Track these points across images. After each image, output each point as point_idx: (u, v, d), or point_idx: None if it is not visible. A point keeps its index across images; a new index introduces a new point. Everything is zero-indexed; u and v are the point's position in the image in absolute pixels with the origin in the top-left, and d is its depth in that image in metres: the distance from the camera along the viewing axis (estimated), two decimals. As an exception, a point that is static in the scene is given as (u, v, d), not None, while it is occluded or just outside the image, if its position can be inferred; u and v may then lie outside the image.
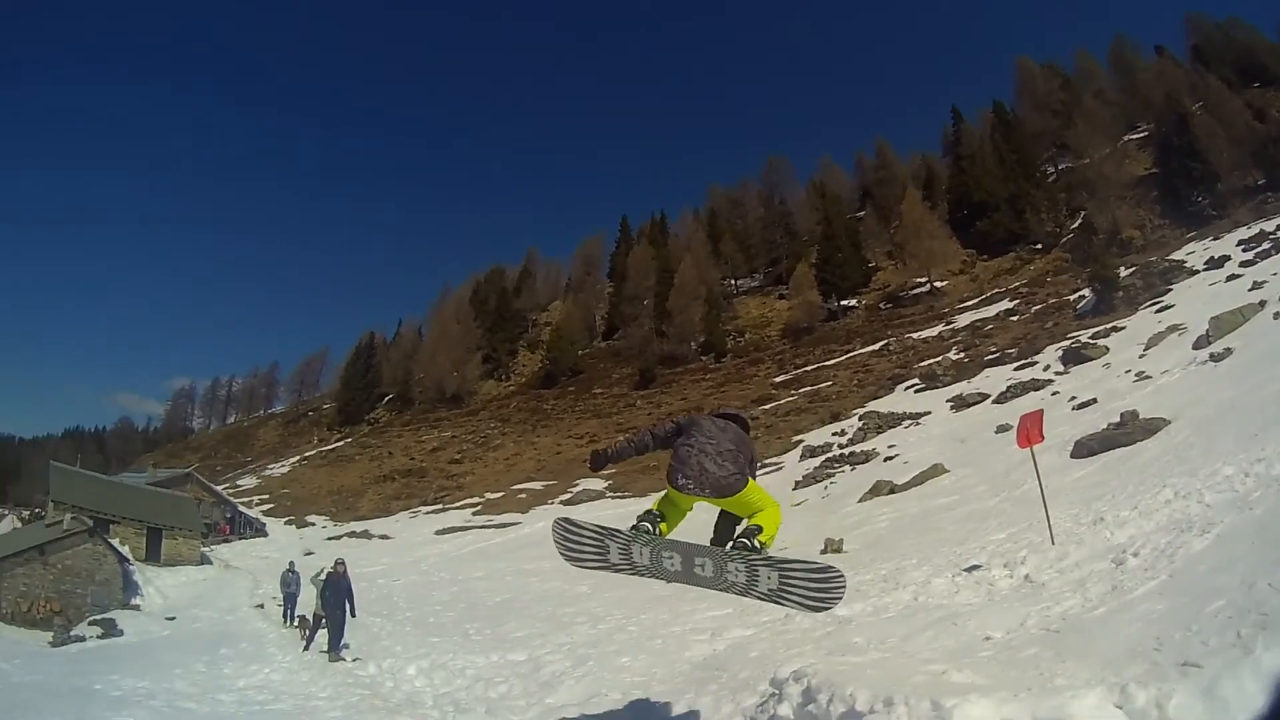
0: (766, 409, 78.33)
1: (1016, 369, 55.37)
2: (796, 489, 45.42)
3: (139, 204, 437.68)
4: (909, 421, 52.62)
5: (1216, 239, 73.26)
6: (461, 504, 77.09)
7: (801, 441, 59.09)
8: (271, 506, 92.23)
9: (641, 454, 8.16)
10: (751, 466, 7.74)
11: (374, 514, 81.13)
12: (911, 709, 5.81)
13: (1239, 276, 53.52)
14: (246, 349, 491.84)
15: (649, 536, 7.69)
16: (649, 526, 7.73)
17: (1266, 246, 60.99)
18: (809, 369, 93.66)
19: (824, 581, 7.18)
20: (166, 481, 75.20)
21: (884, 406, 60.70)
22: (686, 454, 7.48)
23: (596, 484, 65.79)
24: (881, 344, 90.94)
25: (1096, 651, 7.53)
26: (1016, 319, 78.65)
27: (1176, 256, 71.73)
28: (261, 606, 38.12)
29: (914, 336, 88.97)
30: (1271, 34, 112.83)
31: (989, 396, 50.14)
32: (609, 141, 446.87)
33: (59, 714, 15.98)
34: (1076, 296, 74.44)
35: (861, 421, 56.94)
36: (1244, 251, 62.25)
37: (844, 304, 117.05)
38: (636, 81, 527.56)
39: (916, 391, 62.77)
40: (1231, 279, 54.03)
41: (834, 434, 57.27)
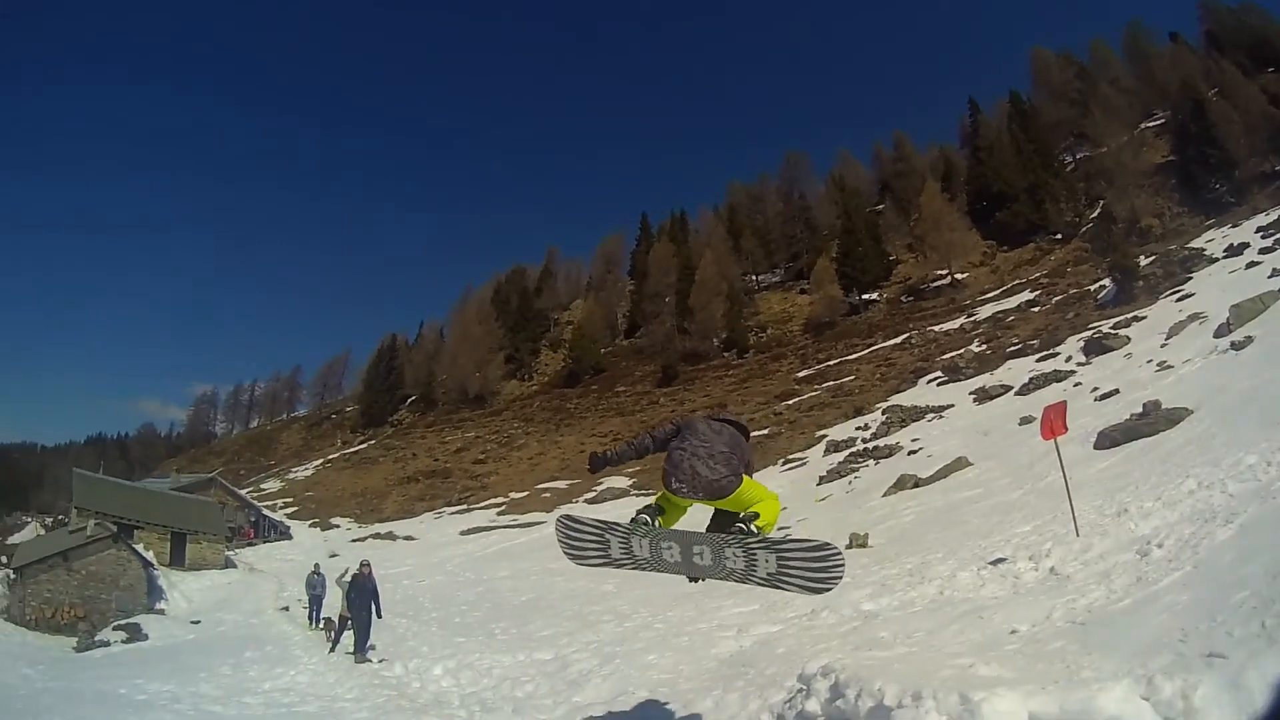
0: (789, 404, 78.54)
1: (1038, 360, 55.07)
2: (821, 484, 45.48)
3: (157, 208, 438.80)
4: (932, 415, 52.54)
5: (1235, 226, 72.71)
6: (486, 504, 77.22)
7: (825, 437, 58.85)
8: (296, 509, 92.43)
9: (641, 457, 8.18)
10: (748, 469, 7.76)
11: (398, 515, 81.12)
12: (940, 703, 5.83)
13: (1258, 263, 53.09)
14: (268, 353, 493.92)
15: (647, 528, 7.77)
16: (647, 519, 7.80)
17: (1285, 232, 60.77)
18: (831, 363, 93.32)
19: (822, 561, 7.23)
20: (190, 486, 75.49)
21: (907, 400, 60.59)
22: (679, 458, 7.53)
23: (621, 482, 65.48)
24: (903, 337, 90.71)
25: (1122, 643, 7.55)
26: (1038, 310, 78.17)
27: (1196, 244, 71.15)
28: (286, 609, 38.27)
29: (935, 329, 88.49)
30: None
31: (1011, 388, 49.95)
32: (627, 140, 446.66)
33: (83, 719, 16.12)
34: (1097, 286, 73.90)
35: (884, 415, 56.78)
36: (1263, 238, 61.71)
37: (865, 298, 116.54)
38: (653, 80, 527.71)
39: (939, 384, 62.52)
40: (1251, 266, 53.59)
41: (857, 428, 57.14)
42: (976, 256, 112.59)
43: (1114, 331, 51.62)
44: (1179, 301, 53.04)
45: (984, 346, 70.52)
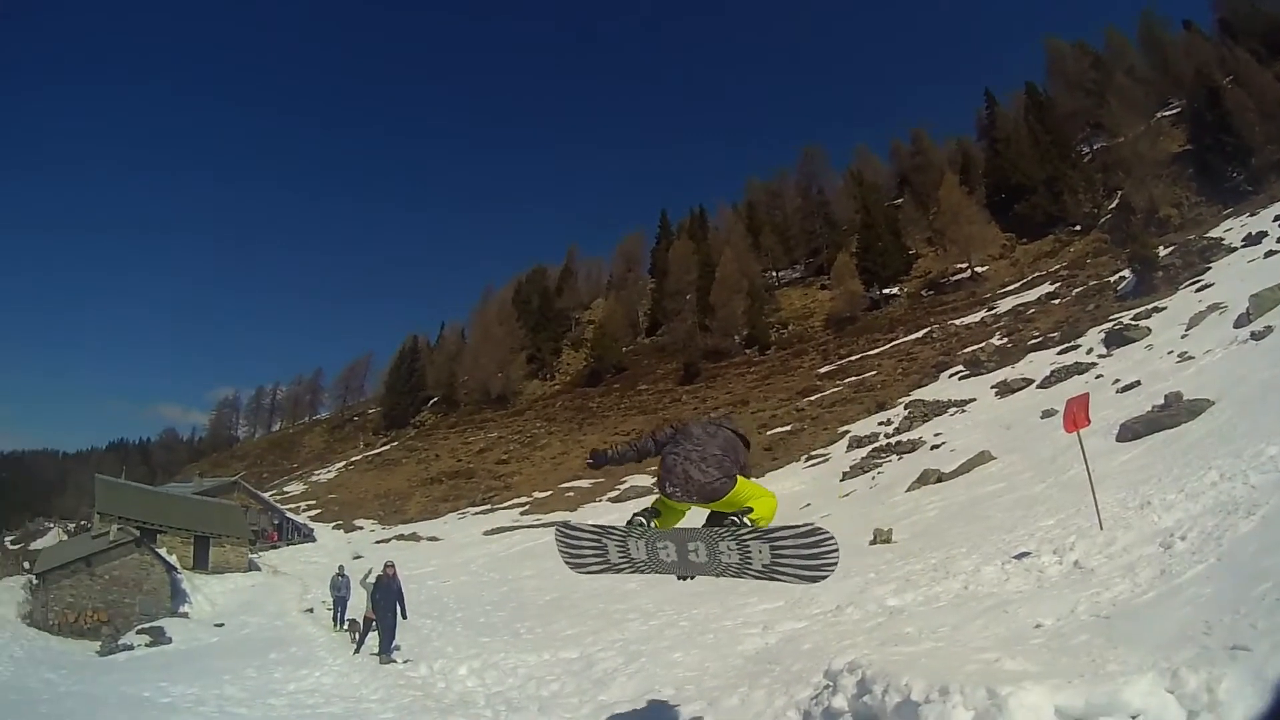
0: (812, 400, 78.66)
1: (1060, 353, 54.93)
2: (844, 480, 45.45)
3: (175, 211, 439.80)
4: (954, 409, 52.43)
5: (1253, 215, 72.22)
6: (509, 504, 77.37)
7: (848, 432, 58.97)
8: (319, 512, 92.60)
9: (641, 459, 8.25)
10: (744, 471, 7.81)
11: (422, 516, 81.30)
12: (967, 698, 5.87)
13: (1277, 252, 52.87)
14: (289, 357, 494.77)
15: (642, 529, 7.83)
16: (643, 521, 7.86)
17: (1304, 221, 60.58)
18: (853, 359, 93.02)
19: (815, 546, 7.28)
20: (213, 490, 75.35)
21: (929, 394, 60.49)
22: (673, 462, 7.61)
23: (644, 480, 64.62)
24: (925, 331, 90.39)
25: (1147, 636, 7.60)
26: (1058, 302, 77.81)
27: (1214, 234, 70.69)
28: (311, 611, 38.50)
29: (957, 323, 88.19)
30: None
31: (1033, 381, 49.84)
32: (645, 138, 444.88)
33: (108, 722, 16.24)
34: (1117, 278, 73.57)
35: (907, 410, 56.75)
36: (1280, 226, 61.63)
37: (886, 292, 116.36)
38: (669, 77, 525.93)
39: (961, 378, 62.45)
40: (1270, 255, 53.25)
41: (880, 424, 57.09)
42: (996, 249, 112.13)
43: (1134, 323, 51.38)
44: (1199, 292, 52.86)
45: (1005, 340, 70.28)
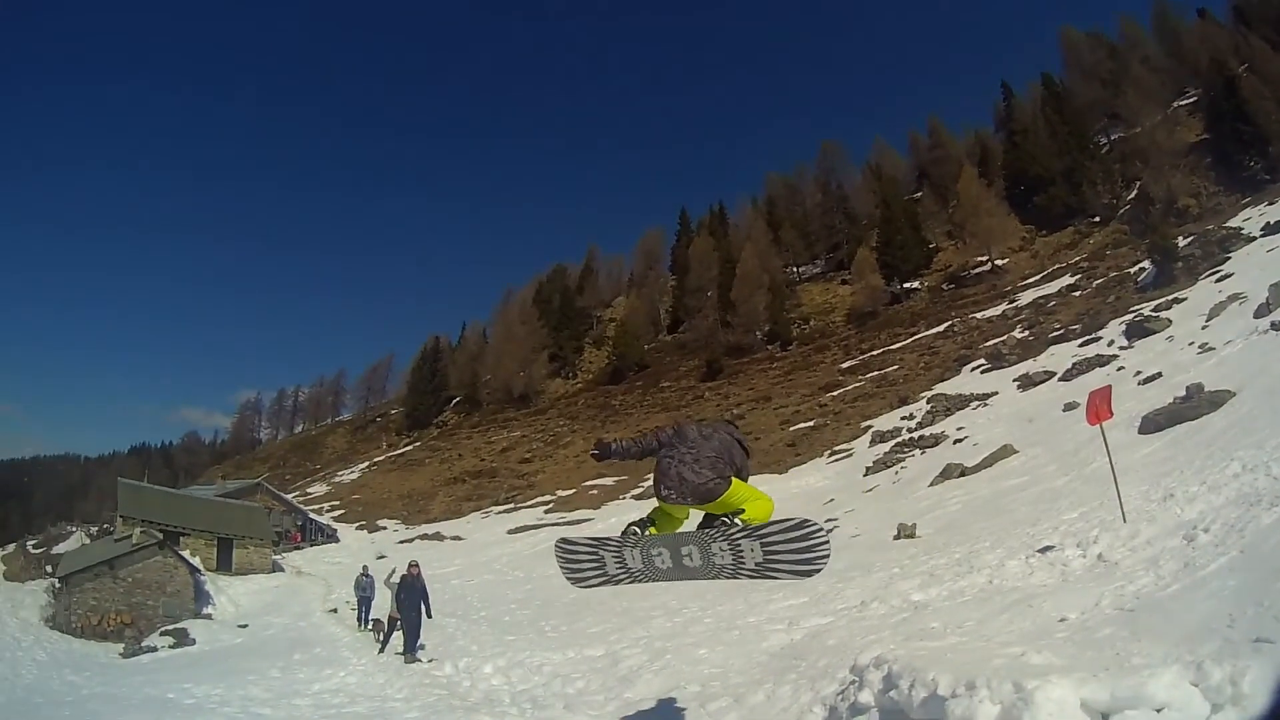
0: (834, 395, 78.55)
1: (1081, 345, 54.69)
2: (867, 475, 45.64)
3: (195, 216, 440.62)
4: (976, 403, 52.37)
5: (1271, 203, 71.79)
6: (533, 503, 77.16)
7: (871, 427, 58.94)
8: (342, 512, 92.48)
9: (643, 456, 8.24)
10: (740, 473, 7.86)
11: (445, 516, 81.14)
12: (993, 692, 5.89)
13: (1296, 241, 52.98)
14: (311, 359, 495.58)
15: (637, 537, 7.90)
16: (637, 530, 7.96)
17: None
18: (875, 353, 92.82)
19: (805, 540, 7.29)
20: (236, 492, 75.90)
21: (951, 388, 60.46)
22: (667, 466, 7.69)
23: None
24: (946, 325, 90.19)
25: (1171, 630, 7.64)
26: (1079, 294, 77.35)
27: (1233, 223, 70.44)
28: (335, 611, 38.59)
29: (978, 316, 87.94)
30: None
31: (1055, 374, 49.71)
32: (662, 135, 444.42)
33: (132, 723, 16.32)
34: (1137, 269, 73.27)
35: (929, 404, 56.79)
36: (1299, 215, 61.45)
37: (906, 286, 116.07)
38: (684, 74, 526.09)
39: (983, 372, 62.28)
40: (1289, 243, 53.38)
41: (902, 418, 57.02)
42: (1016, 241, 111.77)
43: (1155, 314, 51.24)
44: (1218, 282, 52.61)
45: (1026, 332, 70.05)
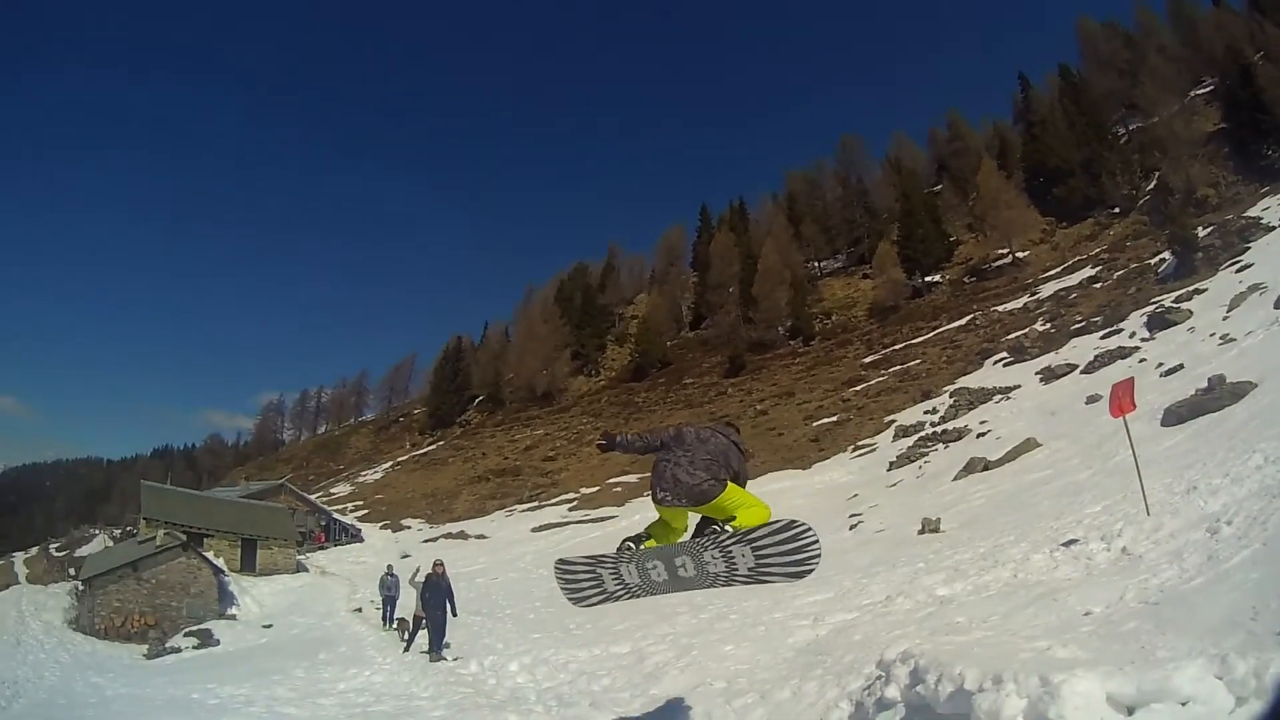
0: (857, 390, 78.69)
1: (1103, 337, 54.65)
2: (891, 469, 45.83)
3: (218, 218, 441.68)
4: (999, 396, 52.47)
5: (1290, 192, 72.07)
6: (557, 501, 77.29)
7: (894, 422, 59.10)
8: (366, 512, 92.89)
9: (646, 452, 8.24)
10: (737, 477, 7.90)
11: (469, 515, 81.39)
12: (1020, 686, 5.88)
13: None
14: (333, 361, 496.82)
15: (631, 552, 7.97)
16: (631, 546, 8.03)
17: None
18: (897, 348, 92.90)
19: (794, 541, 7.33)
20: (259, 493, 76.31)
21: (974, 382, 60.60)
22: (663, 469, 7.73)
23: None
24: (968, 318, 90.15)
25: (1195, 623, 7.65)
26: (1100, 286, 77.29)
27: (1252, 213, 69.98)
28: (359, 611, 38.79)
29: (999, 309, 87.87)
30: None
31: (1077, 367, 49.76)
32: (681, 132, 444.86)
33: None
34: (1157, 260, 73.10)
35: (952, 399, 56.84)
36: (1317, 205, 61.25)
37: (928, 280, 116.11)
38: (700, 71, 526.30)
39: (1005, 365, 62.27)
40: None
41: (925, 412, 57.28)
42: (1036, 234, 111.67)
43: (1176, 305, 51.31)
44: (1238, 273, 52.54)
45: (1048, 325, 69.88)
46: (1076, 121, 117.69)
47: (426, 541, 68.70)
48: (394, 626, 30.08)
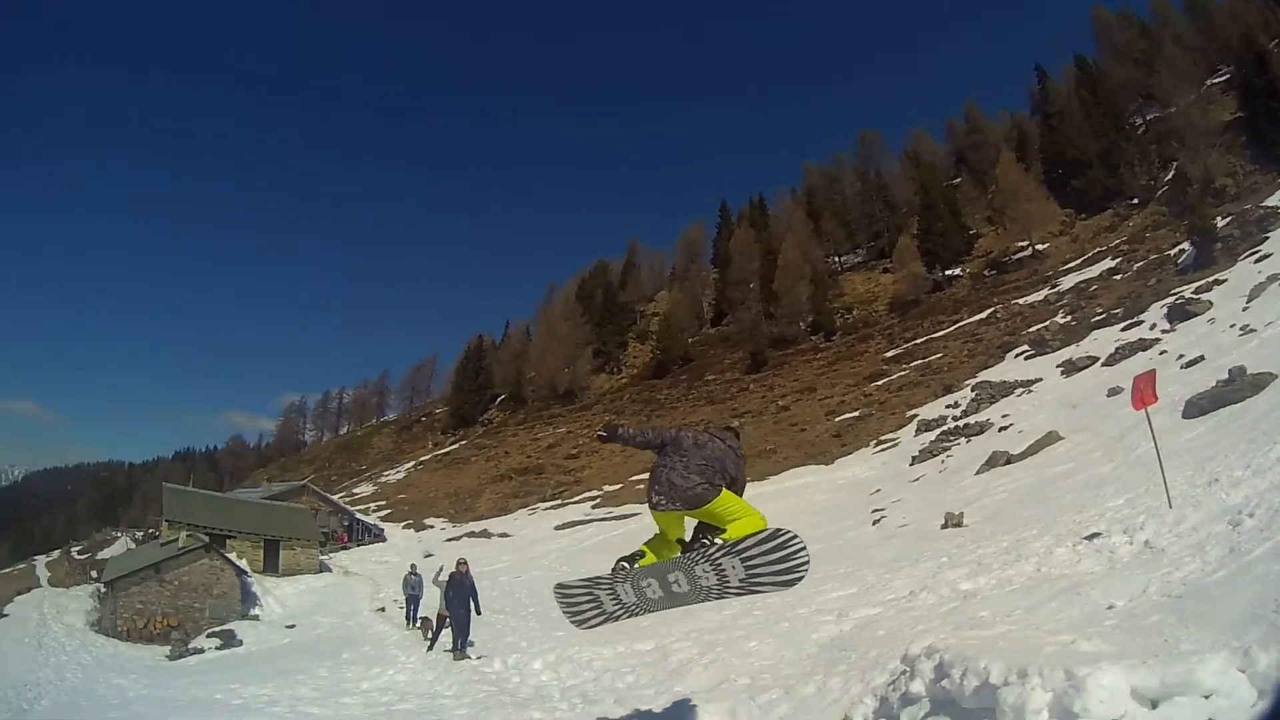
0: (879, 385, 78.69)
1: (1123, 329, 54.57)
2: (914, 464, 45.76)
3: (236, 215, 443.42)
4: (1021, 390, 52.35)
5: (1308, 181, 71.76)
6: (580, 498, 77.32)
7: (916, 416, 59.11)
8: (389, 512, 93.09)
9: (645, 449, 8.35)
10: (733, 484, 7.95)
11: (492, 513, 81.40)
12: (1045, 679, 5.92)
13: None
14: (355, 362, 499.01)
15: (626, 571, 8.04)
16: (626, 565, 8.09)
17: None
18: (919, 342, 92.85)
19: (781, 549, 7.44)
20: (281, 494, 76.80)
21: (995, 375, 60.48)
22: (659, 473, 7.81)
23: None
24: (989, 312, 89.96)
25: (1218, 615, 7.63)
26: (1120, 278, 77.15)
27: (1270, 202, 69.48)
28: (383, 610, 38.78)
29: (1020, 302, 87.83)
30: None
31: (1098, 359, 49.68)
32: (699, 129, 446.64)
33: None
34: (1177, 251, 72.91)
35: (974, 392, 56.73)
36: (1335, 193, 60.98)
37: (948, 273, 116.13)
38: (717, 66, 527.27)
39: (1026, 358, 62.23)
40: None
41: (947, 406, 57.20)
42: (1056, 226, 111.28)
43: (1196, 296, 51.10)
44: (1258, 263, 52.36)
45: (1069, 318, 69.79)
46: (1094, 112, 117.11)
47: (449, 540, 68.57)
48: (417, 625, 30.13)
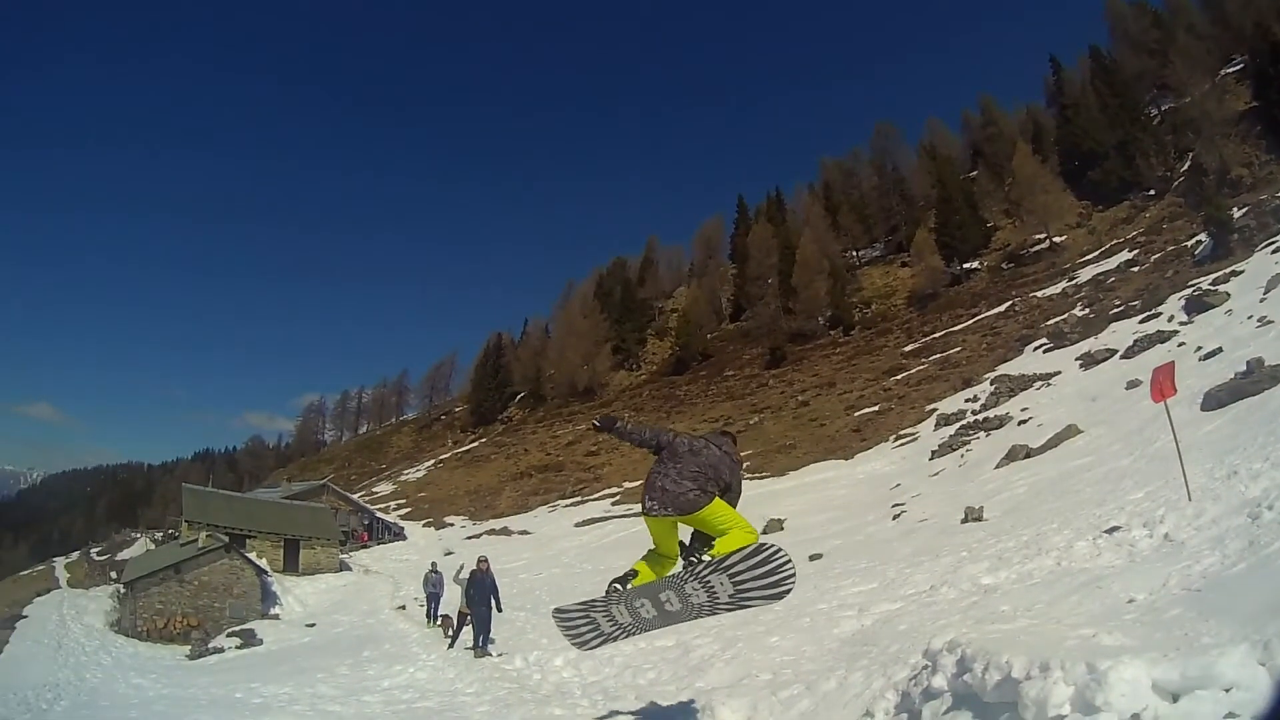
0: (898, 379, 78.83)
1: (1141, 321, 54.34)
2: (933, 459, 45.56)
3: (255, 215, 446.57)
4: (1040, 383, 52.18)
5: (1323, 170, 71.49)
6: (600, 495, 77.42)
7: (935, 410, 58.92)
8: (409, 510, 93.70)
9: (641, 446, 8.44)
10: (726, 491, 8.01)
11: (512, 511, 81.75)
12: (1067, 673, 5.91)
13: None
14: (373, 362, 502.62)
15: (619, 594, 8.10)
16: (619, 586, 8.15)
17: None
18: (937, 335, 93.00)
19: (767, 564, 7.46)
20: (301, 494, 76.93)
21: (1014, 369, 60.19)
22: (652, 479, 7.90)
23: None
24: (1007, 305, 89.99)
25: (1238, 609, 7.63)
26: (1137, 270, 76.78)
27: (1286, 193, 69.26)
28: (403, 608, 38.95)
29: (1038, 295, 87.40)
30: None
31: (1117, 352, 49.37)
32: (716, 123, 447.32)
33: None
34: (1194, 242, 72.46)
35: (993, 386, 56.46)
36: (1350, 183, 60.74)
37: (966, 267, 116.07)
38: (732, 63, 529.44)
39: (1045, 351, 62.00)
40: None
41: (966, 400, 56.98)
42: (1073, 218, 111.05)
43: (1213, 288, 50.81)
44: (1274, 253, 52.18)
45: (1087, 310, 69.52)
46: (1109, 103, 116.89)
47: (469, 538, 68.80)
48: (438, 623, 30.42)
